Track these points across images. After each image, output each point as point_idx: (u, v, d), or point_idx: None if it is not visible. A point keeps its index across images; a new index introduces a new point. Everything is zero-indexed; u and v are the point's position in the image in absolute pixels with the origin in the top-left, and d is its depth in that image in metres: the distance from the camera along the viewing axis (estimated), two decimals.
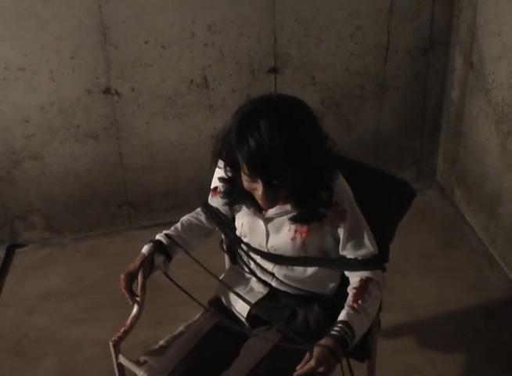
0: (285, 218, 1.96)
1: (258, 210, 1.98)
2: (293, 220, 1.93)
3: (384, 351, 2.49)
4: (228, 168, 1.93)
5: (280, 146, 1.70)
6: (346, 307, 1.92)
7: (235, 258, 2.25)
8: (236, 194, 1.96)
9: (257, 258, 2.10)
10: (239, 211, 2.05)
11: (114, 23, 3.13)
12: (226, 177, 1.97)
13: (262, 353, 1.97)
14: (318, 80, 3.47)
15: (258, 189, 1.81)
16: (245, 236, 2.08)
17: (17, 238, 3.62)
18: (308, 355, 1.81)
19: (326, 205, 1.90)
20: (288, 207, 1.94)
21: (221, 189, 2.03)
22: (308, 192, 1.87)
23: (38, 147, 3.37)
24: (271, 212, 1.97)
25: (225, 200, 2.04)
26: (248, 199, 1.94)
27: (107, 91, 3.29)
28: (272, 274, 2.09)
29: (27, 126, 3.30)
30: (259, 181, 1.78)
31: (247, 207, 1.99)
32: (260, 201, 1.86)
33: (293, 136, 1.73)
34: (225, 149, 1.85)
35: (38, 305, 3.22)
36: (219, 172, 2.03)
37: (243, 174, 1.81)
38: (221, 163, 1.97)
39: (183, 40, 3.23)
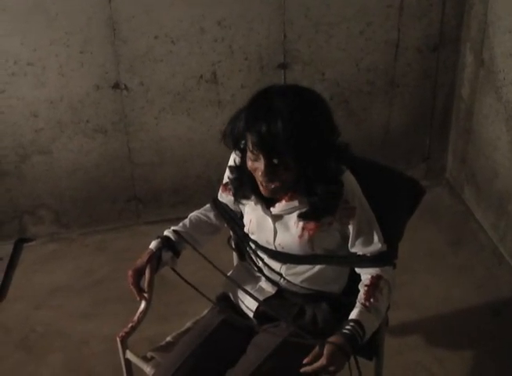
0: (293, 215, 1.95)
1: (267, 206, 1.97)
2: (303, 217, 1.92)
3: (392, 349, 2.49)
4: (237, 152, 1.95)
5: (288, 129, 1.72)
6: (358, 305, 1.92)
7: (243, 256, 2.24)
8: (243, 182, 1.96)
9: (265, 257, 2.10)
10: (246, 204, 2.04)
11: (124, 18, 3.13)
12: (235, 165, 1.98)
13: (269, 350, 1.96)
14: (327, 76, 3.46)
15: (259, 169, 1.81)
16: (253, 234, 2.08)
17: (25, 232, 3.63)
18: (317, 348, 1.81)
19: (337, 197, 1.89)
20: (296, 203, 1.93)
21: (230, 177, 2.03)
22: (314, 184, 1.86)
23: (47, 142, 3.37)
24: (279, 209, 1.96)
25: (233, 190, 2.03)
26: (255, 190, 1.93)
27: (116, 86, 3.29)
28: (280, 274, 2.08)
29: (36, 121, 3.30)
30: (261, 158, 1.79)
31: (255, 201, 1.98)
32: (260, 184, 1.86)
33: (304, 120, 1.75)
34: (235, 128, 1.85)
35: (46, 299, 3.22)
36: (230, 162, 2.04)
37: (247, 152, 1.83)
38: (235, 154, 1.99)
39: (193, 35, 3.23)
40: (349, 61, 3.46)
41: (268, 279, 2.11)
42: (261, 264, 2.13)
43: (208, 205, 2.23)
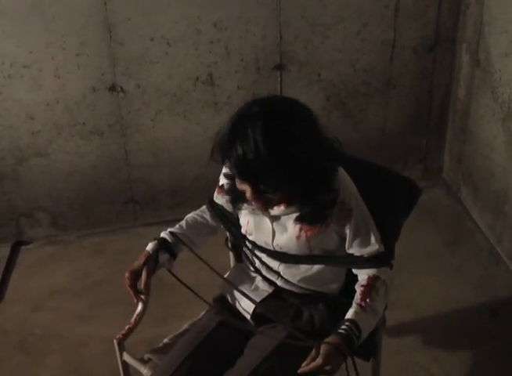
0: (291, 216, 1.95)
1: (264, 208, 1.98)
2: (298, 220, 1.93)
3: (389, 349, 2.49)
4: (227, 164, 1.93)
5: (265, 157, 1.70)
6: (354, 305, 1.92)
7: (240, 257, 2.24)
8: (238, 192, 1.96)
9: (263, 256, 2.10)
10: (243, 209, 2.04)
11: (120, 20, 3.13)
12: (230, 174, 1.97)
13: (266, 351, 1.97)
14: (323, 77, 3.47)
15: (247, 191, 1.82)
16: (250, 234, 2.08)
17: (23, 235, 3.62)
18: (313, 351, 1.82)
19: (330, 207, 1.89)
20: (293, 208, 1.93)
21: (225, 186, 2.03)
22: (308, 196, 1.86)
23: (44, 144, 3.37)
24: (278, 211, 1.96)
25: (228, 197, 2.03)
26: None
27: (112, 88, 3.29)
28: (278, 273, 2.08)
29: (33, 123, 3.30)
30: (246, 184, 1.80)
31: (251, 206, 1.98)
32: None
33: (282, 147, 1.72)
34: (219, 150, 1.84)
35: (43, 302, 3.22)
36: (225, 168, 2.03)
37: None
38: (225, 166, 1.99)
39: (189, 37, 3.23)
40: (345, 62, 3.46)
41: (265, 278, 2.11)
42: (258, 264, 2.13)
43: (204, 206, 2.23)
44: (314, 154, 1.79)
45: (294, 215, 1.94)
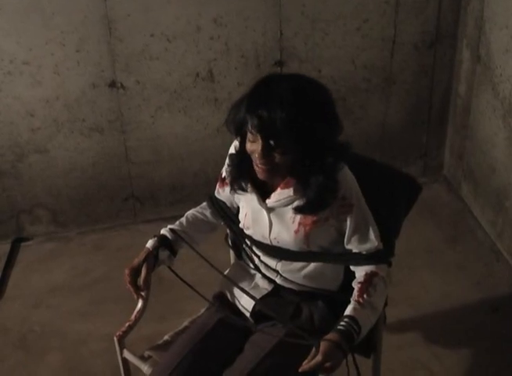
0: (288, 208, 1.95)
1: (262, 199, 1.97)
2: (298, 210, 1.92)
3: (389, 346, 2.49)
4: (238, 139, 1.94)
5: (287, 110, 1.74)
6: (352, 301, 1.92)
7: (240, 254, 2.24)
8: (241, 170, 1.97)
9: (261, 254, 2.10)
10: (242, 195, 2.04)
11: (119, 17, 3.12)
12: (235, 152, 1.98)
13: (266, 349, 1.96)
14: (324, 73, 3.46)
15: (256, 151, 1.81)
16: (248, 228, 2.07)
17: (23, 232, 3.62)
18: (314, 350, 1.81)
19: (331, 193, 1.88)
20: (291, 191, 1.92)
21: (229, 164, 2.02)
22: (310, 176, 1.86)
23: (43, 141, 3.37)
24: (274, 200, 1.95)
25: (230, 179, 2.02)
26: (253, 179, 1.94)
27: (112, 84, 3.29)
28: (276, 271, 2.08)
29: (32, 120, 3.30)
30: (259, 140, 1.80)
31: (250, 190, 1.97)
32: (256, 166, 1.86)
33: (304, 106, 1.76)
34: (238, 113, 1.85)
35: (44, 299, 3.22)
36: (231, 150, 2.04)
37: (247, 134, 1.84)
38: (236, 141, 1.99)
39: (189, 33, 3.22)
40: (346, 58, 3.45)
41: (264, 276, 2.11)
42: (257, 261, 2.12)
43: (205, 203, 2.23)
44: (328, 129, 1.83)
45: (291, 208, 1.93)
